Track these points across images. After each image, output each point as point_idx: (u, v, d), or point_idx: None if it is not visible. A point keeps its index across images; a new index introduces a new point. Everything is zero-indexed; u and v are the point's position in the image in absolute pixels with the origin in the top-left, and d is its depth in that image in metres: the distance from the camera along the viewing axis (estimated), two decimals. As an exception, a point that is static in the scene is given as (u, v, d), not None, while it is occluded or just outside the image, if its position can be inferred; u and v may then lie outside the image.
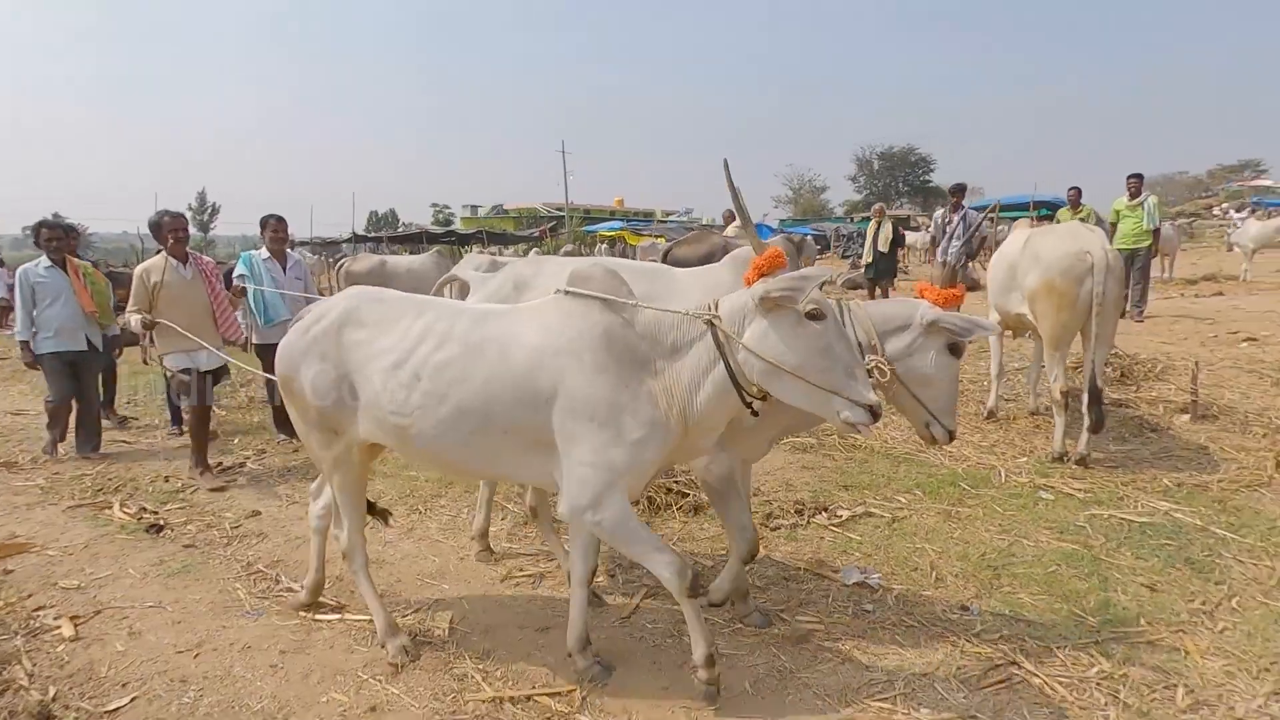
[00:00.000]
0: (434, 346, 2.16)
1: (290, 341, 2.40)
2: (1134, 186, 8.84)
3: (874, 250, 9.33)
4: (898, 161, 57.87)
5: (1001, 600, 2.78)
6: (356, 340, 2.27)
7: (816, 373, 1.90)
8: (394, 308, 2.31)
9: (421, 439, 2.17)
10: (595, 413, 2.00)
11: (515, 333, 2.13)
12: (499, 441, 2.13)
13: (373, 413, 2.24)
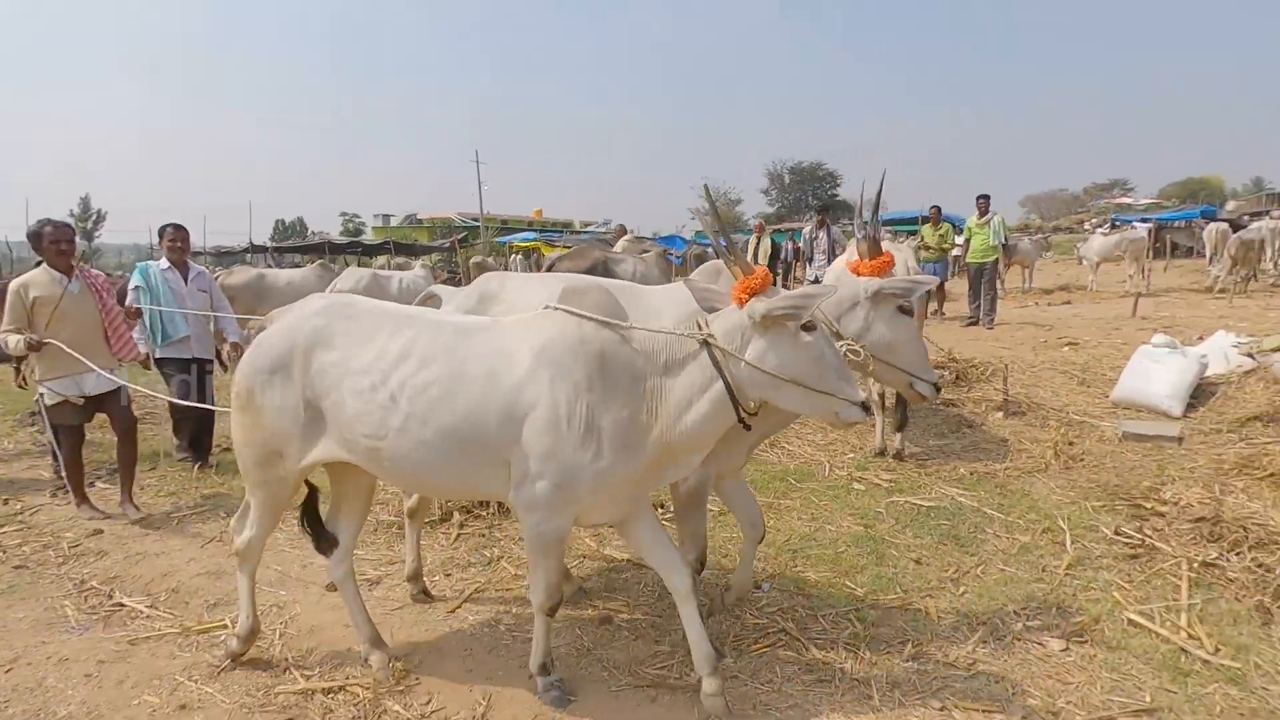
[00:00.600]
0: (416, 366, 2.11)
1: (254, 359, 2.30)
2: (982, 206, 9.75)
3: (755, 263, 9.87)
4: (807, 176, 60.28)
5: (792, 579, 3.14)
6: (328, 362, 2.19)
7: (815, 380, 2.02)
8: (367, 324, 2.23)
9: (396, 460, 2.14)
10: (573, 432, 2.01)
11: (503, 349, 2.11)
12: (477, 458, 2.11)
13: (342, 435, 2.20)
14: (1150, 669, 2.41)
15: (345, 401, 2.16)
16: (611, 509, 2.23)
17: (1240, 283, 12.52)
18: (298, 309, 2.39)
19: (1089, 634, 2.63)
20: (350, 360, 2.17)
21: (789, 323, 1.99)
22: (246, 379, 2.29)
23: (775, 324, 2.00)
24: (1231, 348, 6.08)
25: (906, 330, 2.58)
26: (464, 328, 2.22)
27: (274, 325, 2.37)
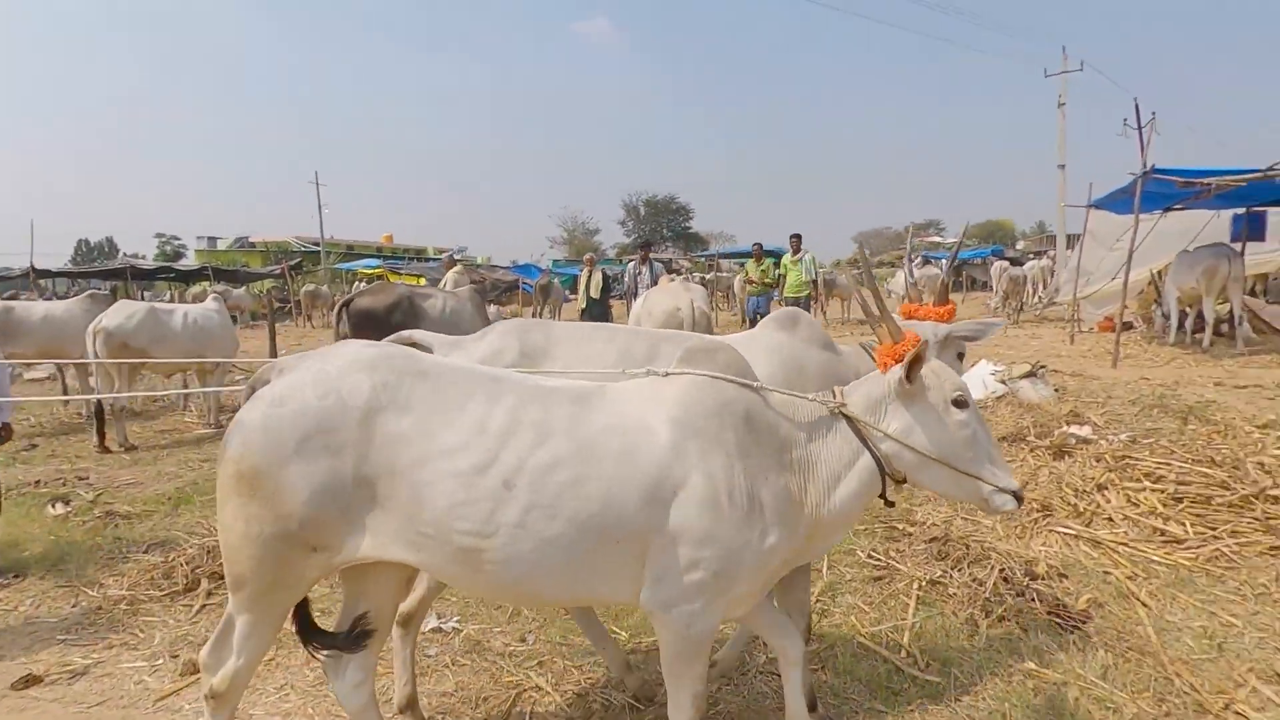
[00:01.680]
0: (532, 443, 1.71)
1: (270, 425, 1.72)
2: (795, 244, 10.51)
3: (587, 296, 9.97)
4: (661, 209, 62.53)
5: (561, 628, 3.08)
6: (399, 432, 1.71)
7: (966, 463, 1.82)
8: (452, 384, 1.79)
9: (505, 563, 1.69)
10: (734, 507, 1.72)
11: (636, 417, 1.78)
12: (610, 554, 1.73)
13: (416, 529, 1.70)
14: (868, 691, 2.58)
15: (434, 486, 1.68)
16: (755, 598, 1.92)
17: (1013, 314, 14.37)
18: (328, 358, 1.84)
19: (824, 660, 2.78)
20: (437, 432, 1.71)
21: (933, 396, 1.83)
22: (255, 453, 1.70)
23: (919, 396, 1.83)
24: (989, 375, 6.89)
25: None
26: (578, 395, 1.85)
27: (291, 378, 1.79)
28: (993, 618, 2.99)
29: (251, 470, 1.70)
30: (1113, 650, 2.75)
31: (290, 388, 1.77)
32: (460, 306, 5.95)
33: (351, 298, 5.91)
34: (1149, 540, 3.70)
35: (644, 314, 5.22)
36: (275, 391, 1.78)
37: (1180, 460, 4.55)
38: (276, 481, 1.69)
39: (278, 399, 1.76)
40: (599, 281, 10.00)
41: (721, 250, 36.49)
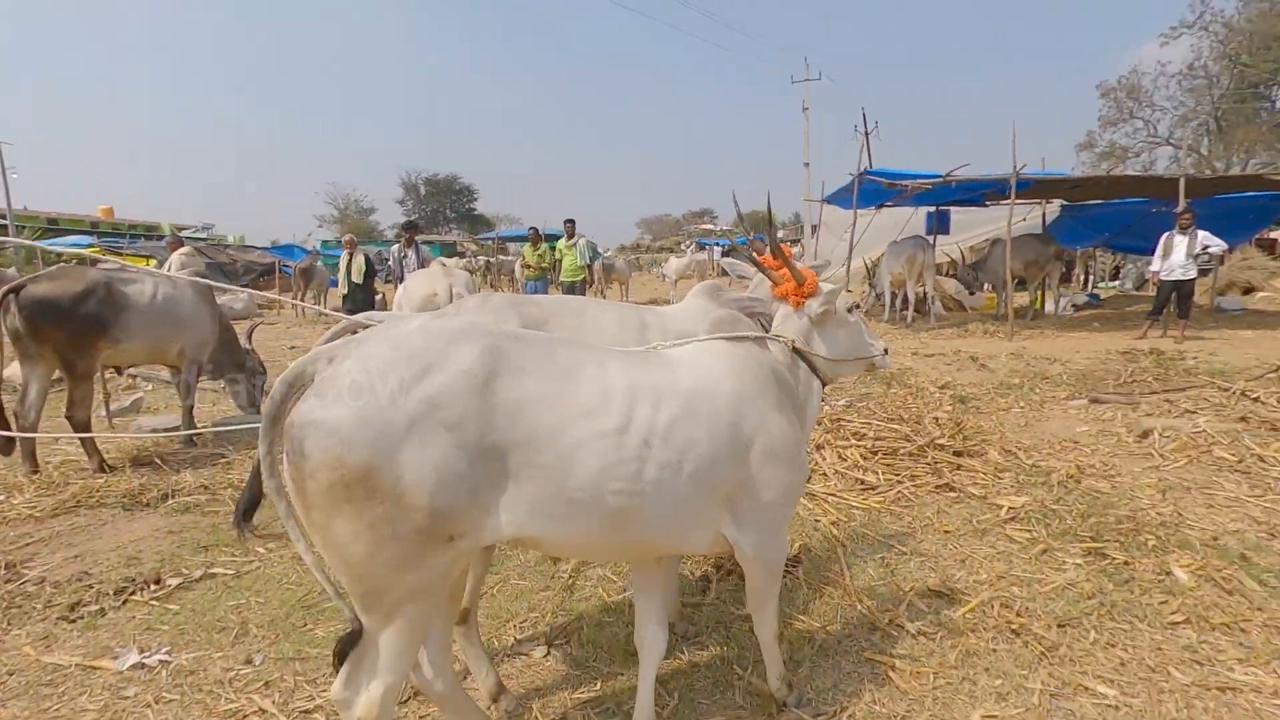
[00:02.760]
0: (652, 405, 1.76)
1: (368, 412, 1.49)
2: (569, 230, 10.67)
3: (349, 282, 9.27)
4: (443, 189, 59.93)
5: (295, 642, 2.86)
6: (525, 396, 1.62)
7: (865, 349, 2.41)
8: (554, 347, 1.76)
9: (647, 521, 1.75)
10: (789, 453, 2.01)
11: (712, 381, 1.93)
12: (711, 504, 1.89)
13: (564, 495, 1.63)
14: (608, 655, 2.73)
15: (584, 448, 1.64)
16: None
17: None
18: (394, 335, 1.64)
19: (572, 634, 2.89)
20: (566, 394, 1.66)
21: (837, 312, 2.31)
22: (359, 449, 1.47)
23: (829, 317, 2.30)
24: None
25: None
26: (663, 360, 1.96)
27: (364, 362, 1.55)
28: (722, 572, 3.32)
29: (361, 470, 1.48)
30: (814, 588, 3.20)
31: (374, 370, 1.55)
32: (176, 295, 5.17)
33: (22, 283, 4.70)
34: (851, 490, 4.34)
35: (404, 300, 4.99)
36: (349, 380, 1.54)
37: (879, 419, 5.39)
38: (395, 473, 1.50)
39: (359, 387, 1.52)
40: (361, 265, 9.35)
41: (507, 232, 36.00)
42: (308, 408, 1.54)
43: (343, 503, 1.50)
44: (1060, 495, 4.18)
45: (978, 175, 10.36)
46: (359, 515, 1.51)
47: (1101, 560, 3.37)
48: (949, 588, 3.17)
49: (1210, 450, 4.74)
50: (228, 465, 5.12)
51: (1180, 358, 8.40)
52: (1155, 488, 4.27)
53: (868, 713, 2.37)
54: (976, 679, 2.53)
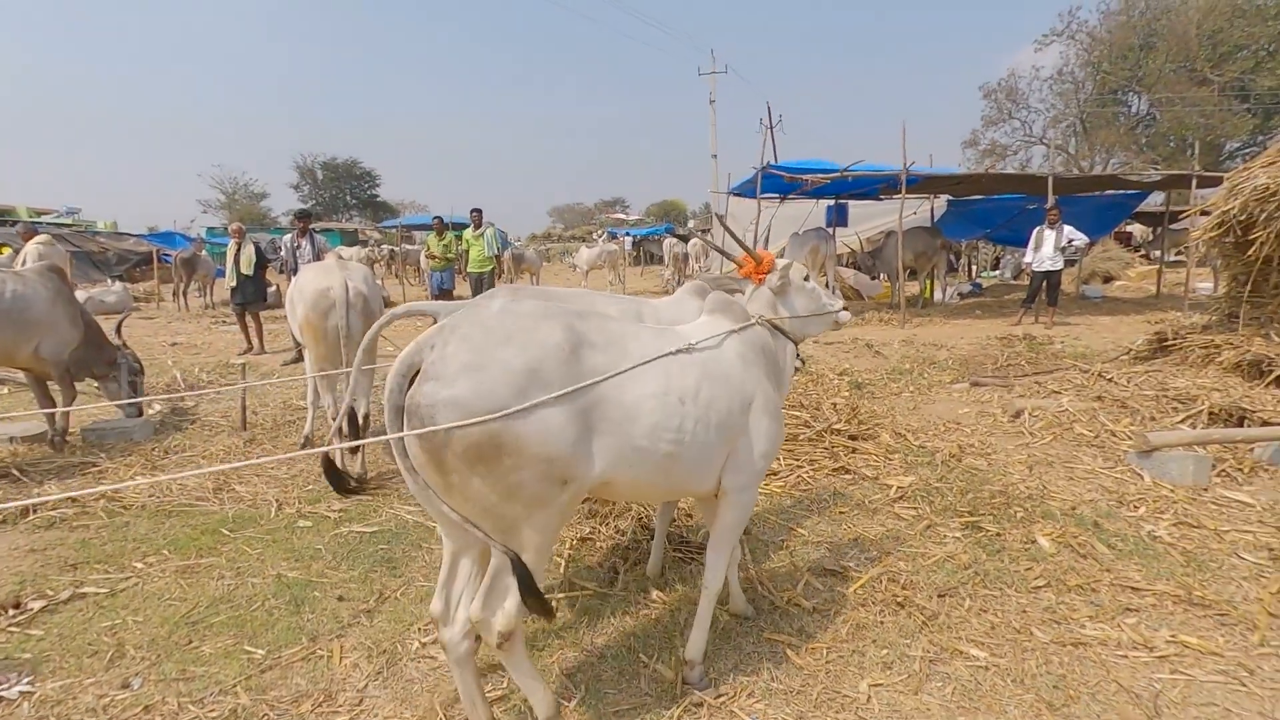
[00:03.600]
0: (681, 371, 2.14)
1: (485, 388, 1.79)
2: (475, 219, 10.42)
3: (237, 273, 8.71)
4: (343, 173, 57.06)
5: (179, 661, 2.70)
6: (601, 363, 2.00)
7: (824, 308, 2.76)
8: (611, 326, 2.14)
9: (686, 465, 2.15)
10: (775, 410, 2.41)
11: (720, 351, 2.32)
12: (722, 453, 2.27)
13: (632, 444, 2.02)
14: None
15: (640, 405, 2.02)
16: None
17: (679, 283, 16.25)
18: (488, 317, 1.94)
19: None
20: (624, 362, 2.04)
21: (793, 282, 2.68)
22: (484, 410, 1.78)
23: (787, 287, 2.67)
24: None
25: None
26: (682, 334, 2.32)
27: (470, 344, 1.86)
28: (629, 563, 3.38)
29: (487, 434, 1.79)
30: (718, 572, 3.30)
31: (481, 350, 1.85)
32: (27, 290, 4.68)
33: None
34: (754, 475, 4.49)
35: (296, 295, 4.72)
36: (460, 361, 1.83)
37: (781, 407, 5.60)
38: (515, 434, 1.81)
39: (473, 364, 1.83)
40: (251, 255, 8.80)
41: (413, 219, 34.69)
42: (430, 389, 1.81)
43: (476, 462, 1.82)
44: (943, 474, 4.49)
45: (871, 172, 10.88)
46: (491, 470, 1.83)
47: (977, 533, 3.65)
48: (842, 566, 3.35)
49: (1072, 427, 5.21)
50: (99, 474, 4.73)
51: (1049, 342, 9.17)
52: (1024, 463, 4.66)
53: (766, 689, 2.48)
54: (865, 650, 2.69)
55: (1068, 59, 33.68)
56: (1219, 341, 5.72)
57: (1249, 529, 3.64)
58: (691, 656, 2.49)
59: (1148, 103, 32.01)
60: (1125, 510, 3.91)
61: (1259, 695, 2.43)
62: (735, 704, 2.40)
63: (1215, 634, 2.77)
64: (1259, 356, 5.25)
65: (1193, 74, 29.41)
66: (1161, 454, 4.37)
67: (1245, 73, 28.44)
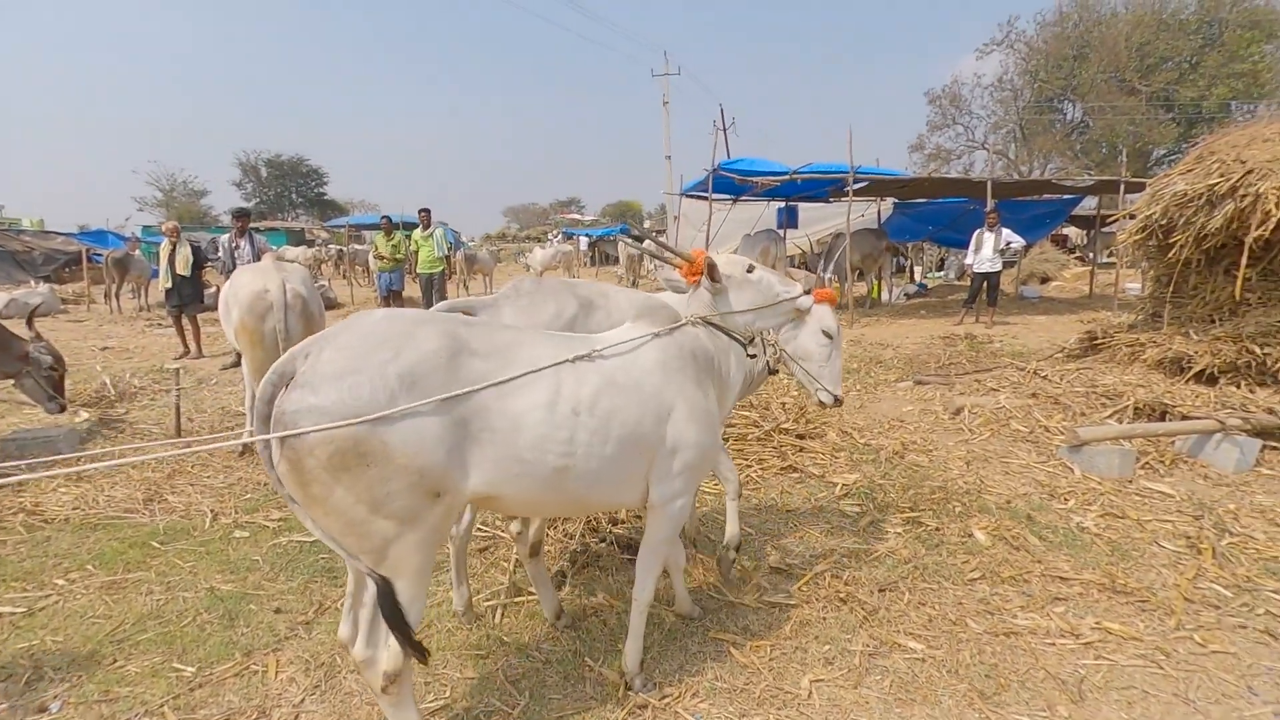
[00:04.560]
0: (577, 380, 2.05)
1: (352, 395, 1.74)
2: (424, 219, 10.25)
3: (172, 274, 8.37)
4: (288, 171, 55.40)
5: (102, 680, 2.58)
6: (482, 371, 1.92)
7: (774, 299, 2.52)
8: (498, 335, 2.05)
9: (580, 478, 2.04)
10: (704, 420, 2.27)
11: (634, 359, 2.22)
12: (635, 466, 2.17)
13: (516, 456, 1.93)
14: (458, 662, 2.69)
15: (526, 416, 1.94)
16: None
17: (634, 282, 16.22)
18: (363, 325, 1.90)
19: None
20: (509, 370, 1.96)
21: (735, 277, 2.50)
22: (339, 416, 1.72)
23: (724, 281, 2.47)
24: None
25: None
26: (588, 342, 2.22)
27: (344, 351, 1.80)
28: (577, 565, 3.36)
29: (351, 442, 1.72)
30: (664, 573, 3.31)
31: (351, 358, 1.79)
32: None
33: None
34: (703, 476, 4.53)
35: (231, 297, 4.57)
36: (330, 368, 1.77)
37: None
38: (382, 440, 1.75)
39: (341, 372, 1.77)
40: (188, 255, 8.47)
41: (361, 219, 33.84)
42: (297, 396, 1.75)
43: (340, 472, 1.74)
44: (886, 470, 4.61)
45: (820, 174, 11.09)
46: (356, 481, 1.75)
47: (918, 528, 3.75)
48: (787, 563, 3.40)
49: (1008, 424, 5.40)
50: (17, 489, 4.47)
51: (989, 341, 9.48)
52: (963, 459, 4.81)
53: (710, 688, 2.50)
54: (808, 647, 2.74)
55: (1007, 67, 34.87)
56: (1143, 340, 6.01)
57: (1169, 518, 3.83)
58: (628, 669, 2.47)
59: (1081, 110, 33.35)
60: (1056, 503, 4.07)
61: (1174, 677, 2.55)
62: (679, 704, 2.41)
63: (1136, 620, 2.91)
64: (1179, 354, 5.52)
65: (1122, 84, 30.79)
66: (1090, 448, 4.56)
67: (1170, 84, 29.91)
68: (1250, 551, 3.45)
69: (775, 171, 11.00)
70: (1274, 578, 3.21)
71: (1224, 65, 28.38)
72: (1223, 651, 2.69)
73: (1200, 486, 4.29)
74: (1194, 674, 2.56)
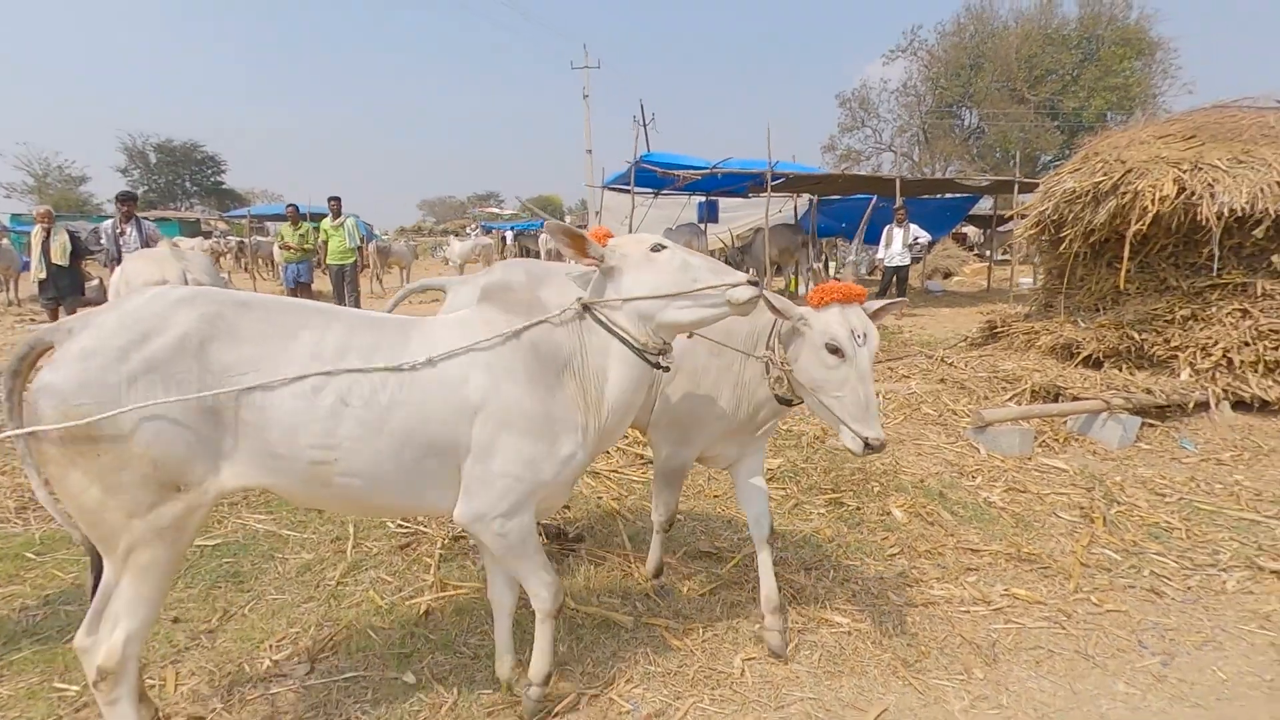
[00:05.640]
0: (360, 365, 1.84)
1: (90, 377, 1.67)
2: (334, 208, 9.78)
3: (46, 264, 7.64)
4: (180, 158, 51.73)
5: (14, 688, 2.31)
6: (235, 360, 1.77)
7: (690, 284, 1.96)
8: (281, 317, 1.86)
9: (349, 476, 1.84)
10: (530, 425, 1.93)
11: (443, 347, 1.92)
12: (430, 467, 1.92)
13: (268, 450, 1.78)
14: (380, 663, 2.56)
15: (280, 407, 1.76)
16: (564, 496, 2.20)
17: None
18: (132, 303, 1.80)
19: (339, 645, 2.66)
20: (273, 356, 1.79)
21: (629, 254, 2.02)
22: (82, 409, 1.64)
23: (619, 262, 2.01)
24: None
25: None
26: (401, 325, 2.00)
27: (94, 331, 1.72)
28: (505, 558, 3.27)
29: (83, 426, 1.65)
30: (595, 561, 3.28)
31: (99, 338, 1.72)
32: None
33: None
34: (631, 465, 4.52)
35: (123, 287, 4.22)
36: (79, 346, 1.71)
37: (657, 396, 5.67)
38: (116, 427, 1.67)
39: (86, 352, 1.70)
40: (65, 244, 7.74)
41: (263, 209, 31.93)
42: (43, 375, 1.70)
43: (75, 458, 1.68)
44: (809, 454, 4.72)
45: (740, 169, 11.30)
46: (89, 465, 1.68)
47: (839, 508, 3.87)
48: (716, 548, 3.43)
49: (919, 408, 5.65)
50: None
51: (899, 331, 9.92)
52: (880, 442, 5.01)
53: (644, 674, 2.48)
54: (739, 627, 2.77)
55: (911, 73, 36.64)
56: (1038, 328, 6.43)
57: (1064, 491, 4.10)
58: (532, 677, 2.24)
59: (977, 117, 35.47)
60: (965, 480, 4.29)
61: (1075, 635, 2.73)
62: (613, 691, 2.39)
63: (1040, 585, 3.10)
64: (1069, 340, 5.94)
65: (1013, 93, 32.93)
66: (994, 429, 4.84)
67: (1054, 94, 32.22)
68: (1135, 518, 3.74)
69: (697, 166, 11.13)
70: (1156, 541, 3.49)
71: (1100, 79, 30.83)
72: (1116, 610, 2.90)
73: (1090, 461, 4.62)
74: (1092, 632, 2.75)
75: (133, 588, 1.77)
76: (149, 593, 1.79)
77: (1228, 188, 5.04)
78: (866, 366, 2.11)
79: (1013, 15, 33.30)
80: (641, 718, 2.29)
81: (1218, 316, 5.42)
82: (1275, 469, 4.44)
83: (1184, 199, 5.19)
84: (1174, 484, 4.20)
